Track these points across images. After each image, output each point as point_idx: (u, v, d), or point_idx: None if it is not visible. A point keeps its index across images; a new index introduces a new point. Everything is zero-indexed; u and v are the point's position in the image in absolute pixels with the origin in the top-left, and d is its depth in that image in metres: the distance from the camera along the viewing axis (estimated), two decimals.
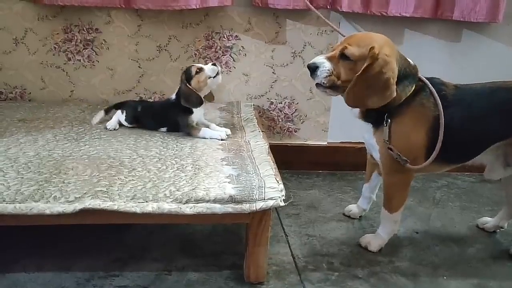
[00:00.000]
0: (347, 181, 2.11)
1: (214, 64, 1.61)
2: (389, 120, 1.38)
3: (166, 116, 1.66)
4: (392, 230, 1.53)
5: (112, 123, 1.67)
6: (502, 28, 2.08)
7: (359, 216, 1.76)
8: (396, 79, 1.32)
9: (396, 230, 1.56)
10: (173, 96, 1.66)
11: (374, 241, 1.54)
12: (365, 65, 1.31)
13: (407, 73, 1.37)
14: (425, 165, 1.38)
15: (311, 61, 1.39)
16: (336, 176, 2.16)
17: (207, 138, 1.60)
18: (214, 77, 1.61)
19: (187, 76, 1.61)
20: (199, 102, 1.61)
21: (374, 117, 1.42)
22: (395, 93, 1.32)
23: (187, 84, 1.60)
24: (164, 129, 1.68)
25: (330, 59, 1.37)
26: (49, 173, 1.28)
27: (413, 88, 1.38)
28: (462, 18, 1.96)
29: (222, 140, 1.59)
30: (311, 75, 1.39)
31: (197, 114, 1.65)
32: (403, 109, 1.37)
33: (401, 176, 1.44)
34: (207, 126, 1.67)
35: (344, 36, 1.47)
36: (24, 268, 1.36)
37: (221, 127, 1.68)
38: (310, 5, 1.87)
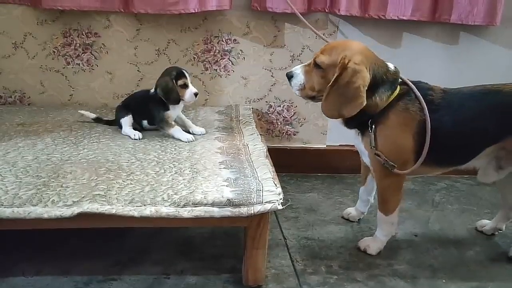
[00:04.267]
0: (346, 184, 2.11)
1: (196, 94, 1.63)
2: (373, 126, 1.38)
3: (146, 108, 1.66)
4: (390, 232, 1.53)
5: (133, 134, 1.63)
6: (499, 31, 2.09)
7: (358, 219, 1.76)
8: (367, 87, 1.32)
9: (394, 232, 1.56)
10: (152, 90, 1.66)
11: (373, 244, 1.54)
12: (335, 75, 1.32)
13: (384, 80, 1.36)
14: (412, 170, 1.38)
15: (289, 70, 1.42)
16: (335, 179, 2.16)
17: (175, 137, 1.61)
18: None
19: (176, 77, 1.61)
20: (176, 101, 1.62)
21: (355, 123, 1.43)
22: (365, 101, 1.32)
23: (174, 81, 1.60)
24: (145, 122, 1.68)
25: (306, 67, 1.41)
26: (47, 177, 1.28)
27: (393, 93, 1.37)
28: (460, 21, 1.96)
29: (188, 141, 1.59)
30: (288, 83, 1.44)
31: (175, 111, 1.66)
32: (386, 114, 1.37)
33: (393, 179, 1.44)
34: (184, 123, 1.69)
35: (327, 42, 1.49)
36: (23, 272, 1.36)
37: (200, 126, 1.71)
38: (294, 8, 1.86)
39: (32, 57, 1.97)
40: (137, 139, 1.61)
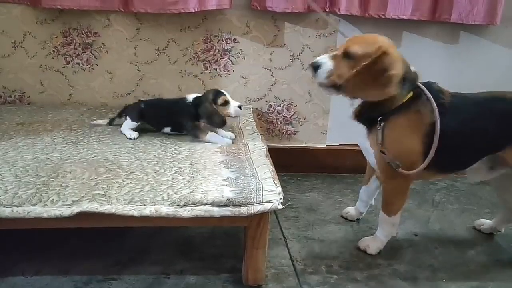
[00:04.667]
0: (346, 183, 2.11)
1: (240, 107, 1.62)
2: (382, 124, 1.38)
3: (174, 115, 1.65)
4: (390, 233, 1.53)
5: (129, 134, 1.63)
6: (500, 31, 2.08)
7: (356, 219, 1.76)
8: (398, 80, 1.32)
9: (395, 233, 1.56)
10: (190, 99, 1.65)
11: (373, 244, 1.54)
12: (373, 57, 1.30)
13: (406, 78, 1.36)
14: (417, 171, 1.37)
15: (313, 60, 1.39)
16: (335, 178, 2.16)
17: (212, 142, 1.60)
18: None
19: (214, 99, 1.60)
20: (221, 123, 1.61)
21: (367, 119, 1.42)
22: (393, 92, 1.32)
23: (213, 104, 1.60)
24: (168, 129, 1.67)
25: (333, 58, 1.38)
26: (47, 176, 1.28)
27: (410, 93, 1.37)
28: (460, 20, 1.96)
29: (227, 144, 1.59)
30: (313, 75, 1.40)
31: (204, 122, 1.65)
32: (398, 114, 1.37)
33: (399, 181, 1.43)
34: (213, 130, 1.66)
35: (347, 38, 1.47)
36: (22, 272, 1.36)
37: (226, 130, 1.68)
38: (318, 8, 1.85)
39: (31, 57, 1.97)
40: (132, 139, 1.60)
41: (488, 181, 1.58)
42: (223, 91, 1.64)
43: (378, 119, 1.38)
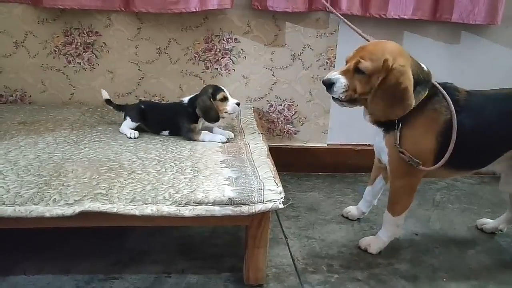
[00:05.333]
0: (346, 183, 2.12)
1: (238, 104, 1.62)
2: (400, 124, 1.38)
3: (172, 118, 1.66)
4: (394, 234, 1.53)
5: (129, 133, 1.63)
6: (500, 30, 2.09)
7: (357, 219, 1.76)
8: (413, 87, 1.32)
9: (398, 234, 1.55)
10: (185, 100, 1.66)
11: (374, 243, 1.54)
12: (380, 78, 1.32)
13: (421, 80, 1.36)
14: (436, 167, 1.37)
15: (326, 77, 1.39)
16: (336, 178, 2.16)
17: (206, 142, 1.60)
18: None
19: (213, 93, 1.61)
20: (216, 118, 1.61)
21: (386, 122, 1.41)
22: (414, 102, 1.33)
23: (211, 99, 1.60)
24: (166, 132, 1.68)
25: (344, 73, 1.37)
26: (49, 175, 1.28)
27: (426, 93, 1.37)
28: (461, 20, 1.96)
29: (222, 143, 1.60)
30: (327, 90, 1.40)
31: (201, 123, 1.65)
32: (415, 113, 1.37)
33: (408, 179, 1.43)
34: (210, 129, 1.67)
35: (368, 41, 1.47)
36: (24, 271, 1.36)
37: (224, 130, 1.68)
38: (332, 9, 1.84)
39: (33, 56, 1.97)
40: (133, 138, 1.61)
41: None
42: (222, 87, 1.64)
43: (396, 120, 1.38)
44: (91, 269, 1.38)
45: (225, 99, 1.62)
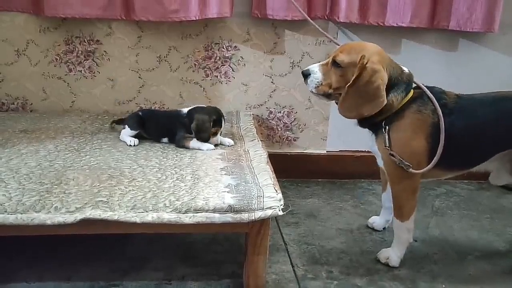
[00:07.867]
0: (346, 189, 2.12)
1: (216, 146, 1.64)
2: (387, 127, 1.40)
3: (171, 126, 1.67)
4: (407, 239, 1.51)
5: (129, 140, 1.64)
6: (498, 38, 2.10)
7: (383, 228, 1.74)
8: (385, 87, 1.35)
9: (411, 239, 1.52)
10: (185, 111, 1.67)
11: (393, 255, 1.51)
12: (354, 75, 1.35)
13: (399, 81, 1.39)
14: (426, 170, 1.38)
15: (305, 68, 1.44)
16: (335, 184, 2.17)
17: (196, 149, 1.61)
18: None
19: (214, 124, 1.61)
20: (205, 140, 1.62)
21: (368, 123, 1.44)
22: (385, 100, 1.35)
23: (211, 124, 1.61)
24: (165, 139, 1.69)
25: (323, 66, 1.43)
26: (50, 183, 1.29)
27: (407, 95, 1.39)
28: (458, 27, 1.98)
29: (207, 150, 1.60)
30: (304, 81, 1.46)
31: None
32: (400, 116, 1.39)
33: (407, 182, 1.44)
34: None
35: (338, 45, 1.51)
36: (25, 278, 1.37)
37: (224, 138, 1.69)
38: (306, 16, 1.88)
39: (34, 64, 1.99)
40: (133, 145, 1.62)
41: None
42: (223, 120, 1.64)
43: (383, 123, 1.40)
44: (92, 276, 1.39)
45: (215, 134, 1.63)
